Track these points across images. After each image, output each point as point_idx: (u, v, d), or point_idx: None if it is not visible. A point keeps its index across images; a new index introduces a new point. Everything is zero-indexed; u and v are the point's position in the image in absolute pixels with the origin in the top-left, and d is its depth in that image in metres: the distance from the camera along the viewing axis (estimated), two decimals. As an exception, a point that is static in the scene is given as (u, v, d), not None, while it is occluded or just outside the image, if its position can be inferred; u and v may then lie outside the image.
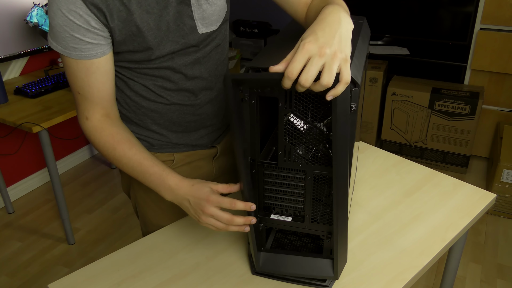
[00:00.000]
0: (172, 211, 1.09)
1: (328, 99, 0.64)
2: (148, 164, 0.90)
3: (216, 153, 1.13)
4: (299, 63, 0.62)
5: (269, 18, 3.54)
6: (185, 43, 0.91)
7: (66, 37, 0.81)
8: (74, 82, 0.88)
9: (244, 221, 0.81)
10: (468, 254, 2.14)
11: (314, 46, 0.62)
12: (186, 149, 1.08)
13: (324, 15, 0.69)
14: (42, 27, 2.30)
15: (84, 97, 0.89)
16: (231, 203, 0.81)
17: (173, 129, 1.04)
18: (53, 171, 2.00)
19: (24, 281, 2.04)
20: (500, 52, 2.58)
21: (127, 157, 0.91)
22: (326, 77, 0.62)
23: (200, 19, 0.90)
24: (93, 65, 0.85)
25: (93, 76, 0.86)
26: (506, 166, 2.30)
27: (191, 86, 0.98)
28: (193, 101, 1.00)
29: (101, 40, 0.83)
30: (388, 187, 1.20)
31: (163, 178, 0.88)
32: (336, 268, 0.85)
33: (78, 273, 0.94)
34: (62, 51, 0.83)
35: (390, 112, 2.84)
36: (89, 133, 0.92)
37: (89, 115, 0.91)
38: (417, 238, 1.01)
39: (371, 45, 3.05)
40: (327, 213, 0.83)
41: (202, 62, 0.97)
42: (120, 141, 0.91)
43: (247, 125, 0.76)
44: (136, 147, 0.92)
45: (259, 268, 0.88)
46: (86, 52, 0.83)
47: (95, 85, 0.87)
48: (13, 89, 2.16)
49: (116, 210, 2.53)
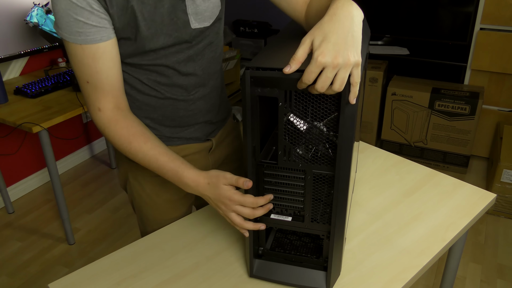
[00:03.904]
0: (166, 207, 1.11)
1: (353, 102, 0.69)
2: (164, 160, 0.90)
3: (211, 147, 1.14)
4: (314, 74, 0.65)
5: (269, 18, 3.54)
6: (178, 37, 0.92)
7: (70, 21, 0.80)
8: (82, 70, 0.87)
9: (253, 226, 0.84)
10: (468, 254, 2.14)
11: (327, 58, 0.65)
12: (180, 142, 1.08)
13: (334, 9, 0.69)
14: (42, 27, 2.30)
15: (93, 86, 0.88)
16: (253, 203, 0.82)
17: (166, 124, 1.04)
18: (53, 171, 2.00)
19: (24, 281, 2.04)
20: (500, 52, 2.58)
21: (142, 151, 0.91)
22: (338, 85, 0.66)
23: (193, 14, 0.91)
24: (99, 50, 0.85)
25: (100, 61, 0.86)
26: (506, 166, 2.30)
27: (185, 82, 0.99)
28: (186, 96, 1.01)
29: (105, 24, 0.83)
30: (388, 187, 1.20)
31: (180, 176, 0.89)
32: (329, 279, 0.86)
33: (78, 273, 0.94)
34: (67, 38, 0.83)
35: (390, 112, 2.84)
36: (102, 125, 0.91)
37: (101, 105, 0.90)
38: (417, 238, 1.01)
39: (371, 45, 3.05)
40: (327, 213, 0.83)
41: (196, 60, 0.97)
42: (135, 134, 0.91)
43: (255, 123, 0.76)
44: (151, 140, 0.92)
45: (252, 274, 0.90)
46: (91, 36, 0.83)
47: (103, 70, 0.87)
48: (13, 89, 2.16)
49: (116, 210, 2.53)
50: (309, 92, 0.69)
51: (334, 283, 0.88)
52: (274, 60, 0.72)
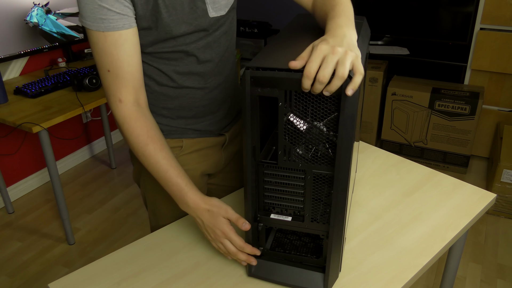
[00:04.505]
0: None
1: (349, 93, 0.67)
2: (173, 174, 0.92)
3: (224, 142, 1.17)
4: (316, 62, 0.66)
5: (269, 18, 3.54)
6: (197, 26, 0.95)
7: (94, 8, 0.83)
8: (104, 59, 0.88)
9: (246, 258, 0.88)
10: (468, 254, 2.14)
11: (326, 46, 0.67)
12: (195, 135, 1.10)
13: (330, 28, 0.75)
14: (42, 27, 2.30)
15: (114, 75, 0.89)
16: (241, 246, 0.87)
17: (183, 115, 1.07)
18: (53, 171, 2.00)
19: (24, 281, 2.04)
20: (500, 52, 2.58)
21: (155, 158, 0.92)
22: (341, 70, 0.66)
23: (211, 3, 0.94)
24: (121, 37, 0.87)
25: (122, 48, 0.87)
26: (506, 166, 2.30)
27: (202, 69, 1.02)
28: (203, 85, 1.04)
29: (128, 12, 0.86)
30: (388, 187, 1.20)
31: (183, 193, 0.92)
32: (327, 280, 0.86)
33: (78, 273, 0.94)
34: (90, 26, 0.85)
35: (390, 112, 2.84)
36: (122, 119, 0.92)
37: (122, 96, 0.91)
38: (417, 238, 1.01)
39: (371, 45, 3.05)
40: (327, 213, 0.83)
41: (213, 47, 1.01)
42: (153, 137, 0.92)
43: (255, 123, 0.76)
44: (165, 150, 0.93)
45: (251, 273, 0.91)
46: (114, 23, 0.85)
47: (125, 58, 0.88)
48: (13, 89, 2.16)
49: (116, 210, 2.53)
50: (313, 92, 0.68)
51: (333, 284, 0.88)
52: (274, 60, 0.72)
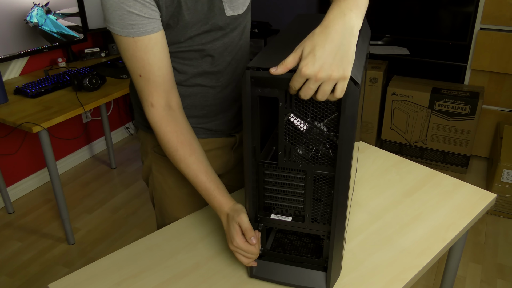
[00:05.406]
0: (187, 200, 1.13)
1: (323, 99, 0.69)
2: (202, 179, 0.94)
3: (235, 143, 1.17)
4: (298, 83, 0.67)
5: (269, 18, 3.54)
6: (213, 24, 0.95)
7: (123, 14, 0.83)
8: (135, 64, 0.89)
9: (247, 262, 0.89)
10: (468, 254, 2.14)
11: (310, 71, 0.65)
12: (206, 135, 1.11)
13: (327, 21, 0.67)
14: (42, 27, 2.30)
15: (146, 80, 0.90)
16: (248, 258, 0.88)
17: (195, 114, 1.07)
18: (53, 171, 2.00)
19: (24, 281, 2.04)
20: (500, 52, 2.58)
21: (186, 162, 0.94)
22: (319, 96, 0.68)
23: (227, 2, 0.95)
24: (151, 41, 0.87)
25: (152, 52, 0.88)
26: (506, 166, 2.30)
27: (216, 69, 1.02)
28: (215, 83, 1.04)
29: (156, 16, 0.87)
30: (388, 187, 1.20)
31: (212, 197, 0.94)
32: (329, 280, 0.86)
33: (78, 273, 0.94)
34: (119, 32, 0.85)
35: (390, 112, 2.84)
36: (154, 123, 0.94)
37: (154, 101, 0.92)
38: (417, 238, 1.01)
39: (371, 45, 3.05)
40: (327, 213, 0.83)
41: (229, 47, 1.02)
42: (183, 142, 0.94)
43: (256, 123, 0.76)
44: (196, 154, 0.94)
45: (252, 274, 0.91)
46: (143, 28, 0.85)
47: (155, 62, 0.89)
48: (13, 89, 2.16)
49: (116, 210, 2.53)
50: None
51: (334, 283, 0.88)
52: (274, 60, 0.72)
